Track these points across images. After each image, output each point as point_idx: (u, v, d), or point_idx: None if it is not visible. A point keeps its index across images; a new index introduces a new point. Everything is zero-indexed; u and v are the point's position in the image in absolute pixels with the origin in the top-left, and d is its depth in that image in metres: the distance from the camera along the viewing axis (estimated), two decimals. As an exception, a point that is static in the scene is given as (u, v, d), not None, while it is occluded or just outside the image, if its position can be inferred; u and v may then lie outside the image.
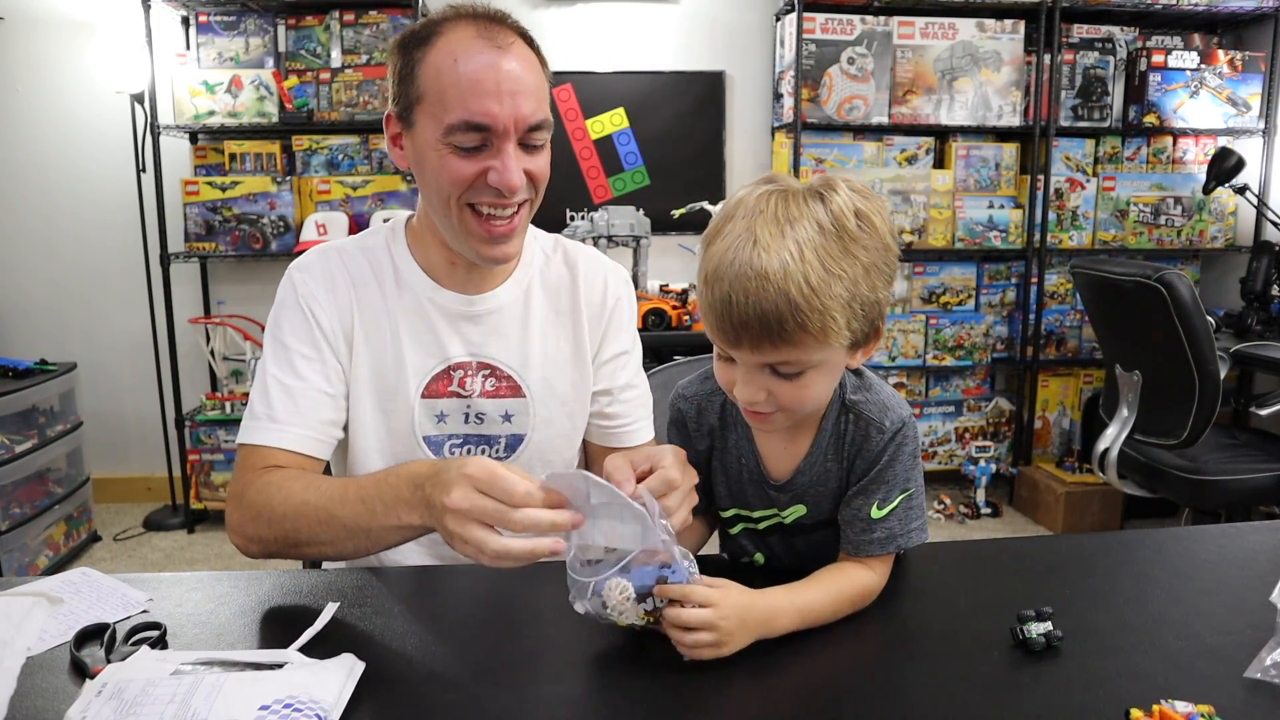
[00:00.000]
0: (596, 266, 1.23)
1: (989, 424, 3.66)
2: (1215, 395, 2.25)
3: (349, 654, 0.79)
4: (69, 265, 3.48)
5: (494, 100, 0.99)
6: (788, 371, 0.84)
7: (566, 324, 1.19)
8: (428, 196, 1.08)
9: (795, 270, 0.78)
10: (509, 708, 0.76)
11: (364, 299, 1.13)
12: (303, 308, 1.11)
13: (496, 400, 1.16)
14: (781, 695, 0.78)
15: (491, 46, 1.00)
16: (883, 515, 0.92)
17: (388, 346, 1.13)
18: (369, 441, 1.14)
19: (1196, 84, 3.45)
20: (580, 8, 3.51)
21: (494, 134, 1.01)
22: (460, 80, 0.99)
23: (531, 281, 1.19)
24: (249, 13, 3.29)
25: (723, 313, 0.81)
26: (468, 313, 1.14)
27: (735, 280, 0.79)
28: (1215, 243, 3.58)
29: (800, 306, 0.78)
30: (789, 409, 0.87)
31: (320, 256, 1.15)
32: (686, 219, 3.23)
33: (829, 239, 0.80)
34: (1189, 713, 0.71)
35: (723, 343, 0.85)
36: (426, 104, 1.02)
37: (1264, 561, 1.05)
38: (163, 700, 0.70)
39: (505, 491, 0.80)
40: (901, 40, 3.38)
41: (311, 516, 0.97)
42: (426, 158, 1.04)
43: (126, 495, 3.59)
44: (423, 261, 1.15)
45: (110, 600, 0.95)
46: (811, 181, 0.85)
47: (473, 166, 1.02)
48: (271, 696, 0.70)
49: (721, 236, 0.83)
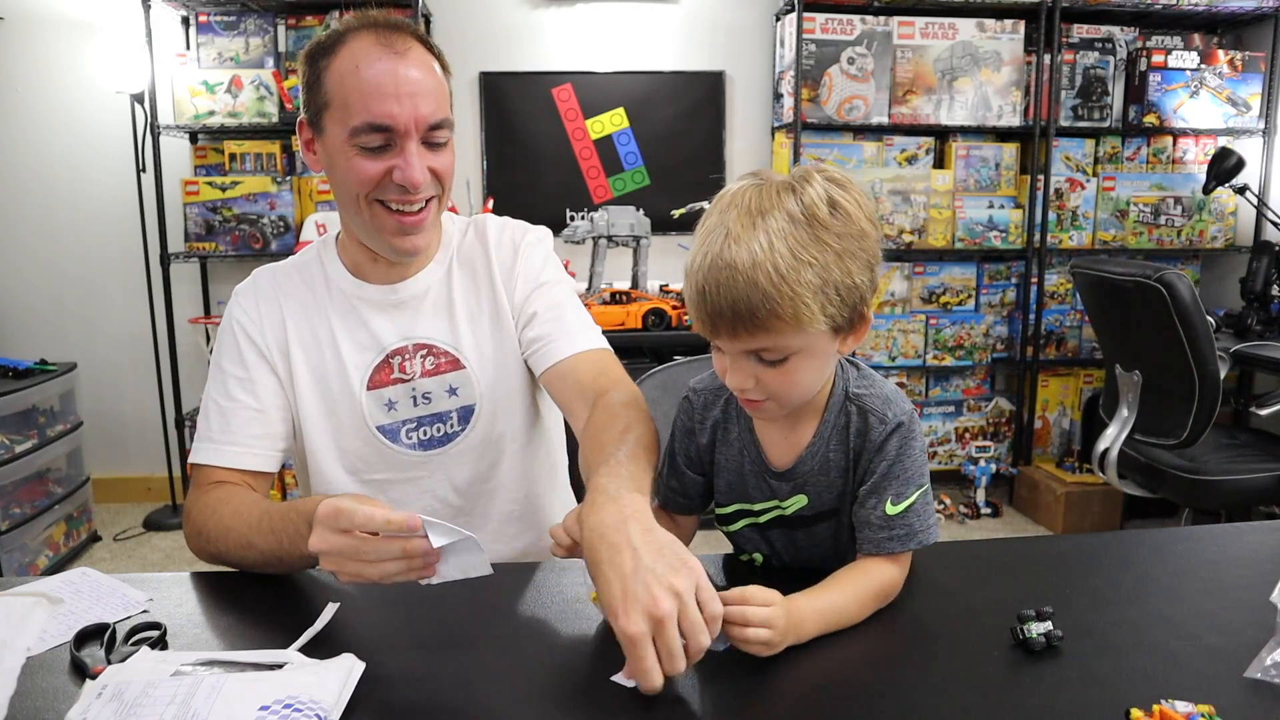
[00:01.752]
0: (504, 229, 1.27)
1: (989, 424, 3.67)
2: (1215, 395, 2.25)
3: (349, 654, 0.79)
4: (69, 265, 3.48)
5: (394, 102, 1.05)
6: (771, 358, 0.86)
7: (484, 288, 1.24)
8: (339, 197, 1.13)
9: (764, 260, 0.81)
10: (508, 708, 0.76)
11: (296, 310, 1.20)
12: (234, 331, 1.19)
13: (439, 377, 1.20)
14: (782, 695, 0.78)
15: (390, 53, 1.06)
16: (900, 511, 0.93)
17: (325, 349, 1.19)
18: (323, 441, 1.20)
19: (1196, 84, 3.45)
20: (580, 8, 3.51)
21: (396, 134, 1.06)
22: (362, 85, 1.05)
23: (450, 261, 1.24)
24: (249, 13, 3.29)
25: (698, 304, 0.85)
26: (394, 300, 1.20)
27: (708, 273, 0.83)
28: (1215, 243, 3.58)
29: (769, 294, 0.81)
30: (779, 396, 0.89)
31: (254, 279, 1.24)
32: (686, 219, 3.22)
33: (799, 228, 0.83)
34: (1189, 713, 0.71)
35: (704, 331, 0.88)
36: (333, 109, 1.08)
37: (1264, 561, 1.05)
38: (163, 701, 0.70)
39: (349, 521, 0.83)
40: (901, 40, 3.38)
41: (235, 543, 1.03)
42: (336, 160, 1.10)
43: (126, 495, 3.59)
44: (348, 263, 1.21)
45: (110, 600, 0.95)
46: (790, 174, 0.87)
47: (378, 166, 1.08)
48: (271, 697, 0.70)
49: (700, 230, 0.87)
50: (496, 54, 3.49)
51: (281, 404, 1.19)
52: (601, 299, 3.00)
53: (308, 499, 0.98)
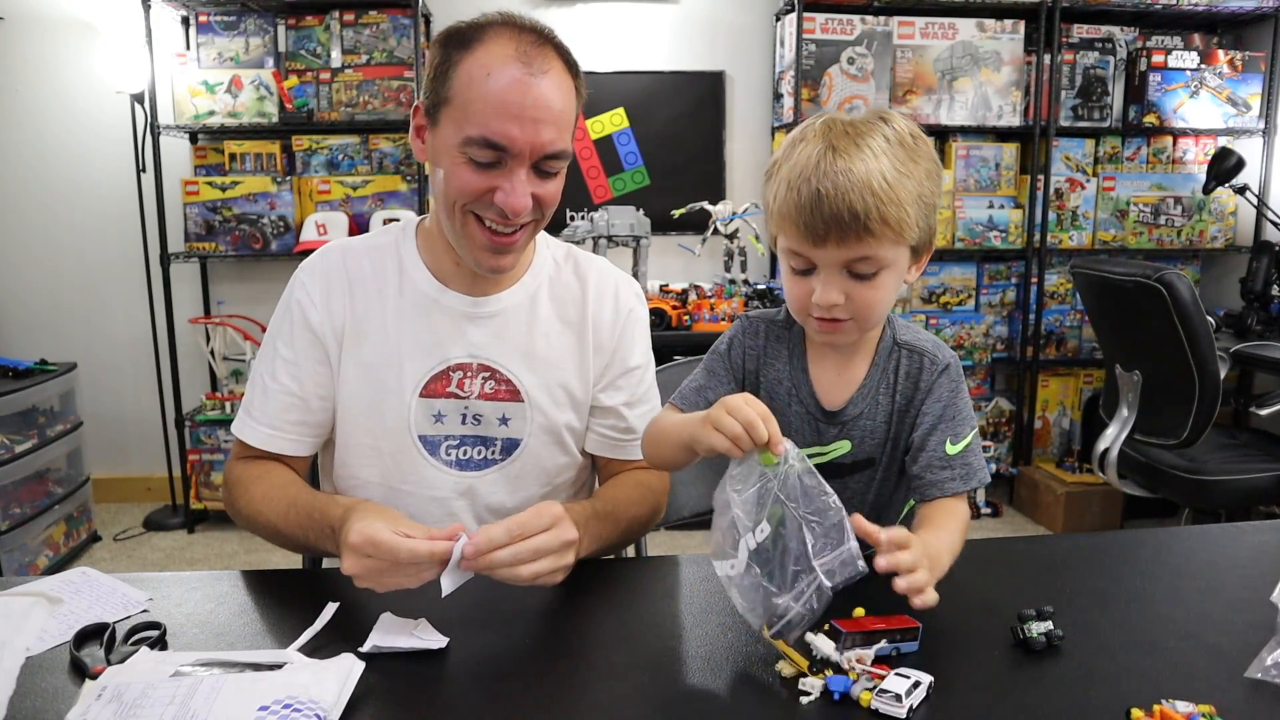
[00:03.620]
0: (608, 278, 1.23)
1: (989, 424, 3.66)
2: (1215, 395, 2.25)
3: (349, 654, 0.79)
4: (69, 265, 3.48)
5: (515, 124, 1.00)
6: (865, 271, 0.91)
7: (572, 335, 1.19)
8: (436, 196, 1.09)
9: (874, 168, 0.89)
10: (508, 707, 0.76)
11: (361, 297, 1.14)
12: (293, 310, 1.15)
13: (495, 403, 1.16)
14: (782, 693, 0.78)
15: (526, 69, 1.00)
16: (959, 450, 0.97)
17: (385, 344, 1.14)
18: (359, 438, 1.16)
19: (1196, 84, 3.45)
20: (580, 8, 3.51)
21: (509, 155, 1.01)
22: (488, 95, 0.99)
23: (540, 287, 1.19)
24: (249, 13, 3.29)
25: (812, 209, 0.89)
26: (472, 313, 1.15)
27: (823, 178, 0.88)
28: (1215, 243, 3.57)
29: (882, 198, 0.88)
30: (862, 313, 0.94)
31: (323, 256, 1.17)
32: (686, 219, 3.23)
33: (895, 147, 0.91)
34: (1189, 713, 0.71)
35: (808, 243, 0.91)
36: (453, 108, 1.02)
37: (1264, 561, 1.05)
38: (162, 702, 0.70)
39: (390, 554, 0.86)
40: (901, 40, 3.38)
41: (263, 526, 1.10)
42: (442, 160, 1.05)
43: (126, 495, 3.59)
44: (430, 261, 1.16)
45: (110, 600, 0.95)
46: (868, 112, 0.95)
47: (482, 182, 1.03)
48: (271, 697, 0.70)
49: (796, 154, 0.92)
50: (496, 54, 3.49)
51: (326, 393, 1.15)
52: (601, 299, 3.00)
53: (334, 504, 1.02)
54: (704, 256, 3.37)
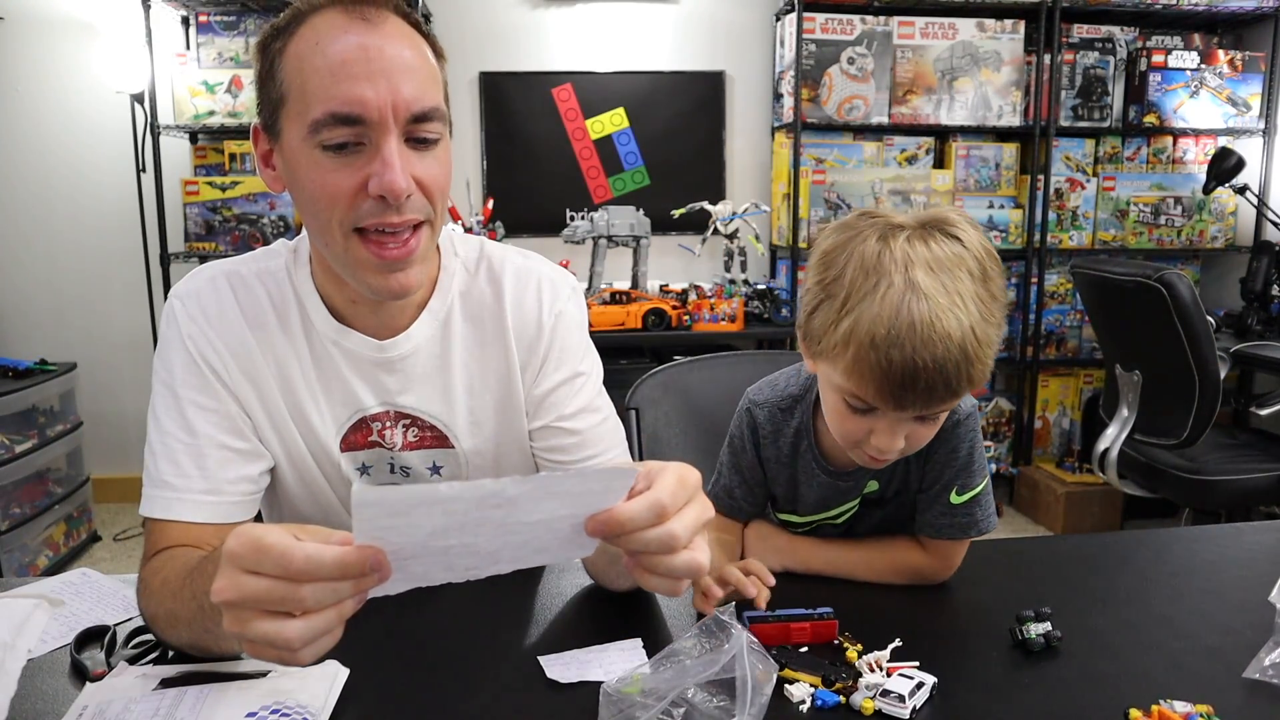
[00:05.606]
0: (527, 280, 1.02)
1: (989, 424, 3.66)
2: (1215, 395, 2.25)
3: (333, 660, 0.78)
4: (69, 265, 3.48)
5: (365, 83, 0.81)
6: (932, 415, 0.86)
7: (493, 354, 1.01)
8: (308, 223, 0.90)
9: (966, 324, 0.79)
10: (492, 714, 0.76)
11: (262, 341, 0.96)
12: (187, 349, 0.94)
13: (421, 452, 1.01)
14: (779, 694, 0.78)
15: (360, 22, 0.83)
16: (964, 501, 0.96)
17: (293, 392, 0.97)
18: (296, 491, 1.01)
19: (1196, 84, 3.45)
20: (580, 8, 3.51)
21: (369, 126, 0.82)
22: (324, 65, 0.81)
23: (451, 310, 1.00)
24: (249, 13, 3.29)
25: (903, 381, 0.79)
26: (378, 359, 0.97)
27: (920, 346, 0.78)
28: (1215, 243, 3.57)
29: (973, 359, 0.80)
30: (915, 447, 0.90)
31: (210, 284, 0.96)
32: (686, 219, 3.23)
33: (978, 284, 0.82)
34: (1188, 713, 0.71)
35: (887, 404, 0.82)
36: (290, 103, 0.84)
37: (1264, 561, 1.05)
38: (146, 715, 0.70)
39: (279, 564, 0.57)
40: (901, 40, 3.37)
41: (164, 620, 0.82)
42: (297, 171, 0.86)
43: (126, 495, 3.59)
44: (326, 295, 0.97)
45: (110, 601, 0.95)
46: (928, 216, 0.85)
47: (350, 176, 0.83)
48: (258, 703, 0.71)
49: (877, 298, 0.80)
50: (496, 54, 3.49)
51: (248, 445, 0.95)
52: (601, 299, 3.00)
53: None
54: (704, 256, 3.37)
